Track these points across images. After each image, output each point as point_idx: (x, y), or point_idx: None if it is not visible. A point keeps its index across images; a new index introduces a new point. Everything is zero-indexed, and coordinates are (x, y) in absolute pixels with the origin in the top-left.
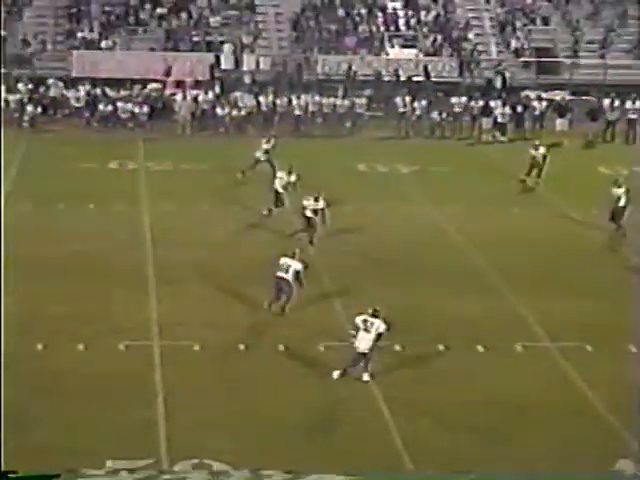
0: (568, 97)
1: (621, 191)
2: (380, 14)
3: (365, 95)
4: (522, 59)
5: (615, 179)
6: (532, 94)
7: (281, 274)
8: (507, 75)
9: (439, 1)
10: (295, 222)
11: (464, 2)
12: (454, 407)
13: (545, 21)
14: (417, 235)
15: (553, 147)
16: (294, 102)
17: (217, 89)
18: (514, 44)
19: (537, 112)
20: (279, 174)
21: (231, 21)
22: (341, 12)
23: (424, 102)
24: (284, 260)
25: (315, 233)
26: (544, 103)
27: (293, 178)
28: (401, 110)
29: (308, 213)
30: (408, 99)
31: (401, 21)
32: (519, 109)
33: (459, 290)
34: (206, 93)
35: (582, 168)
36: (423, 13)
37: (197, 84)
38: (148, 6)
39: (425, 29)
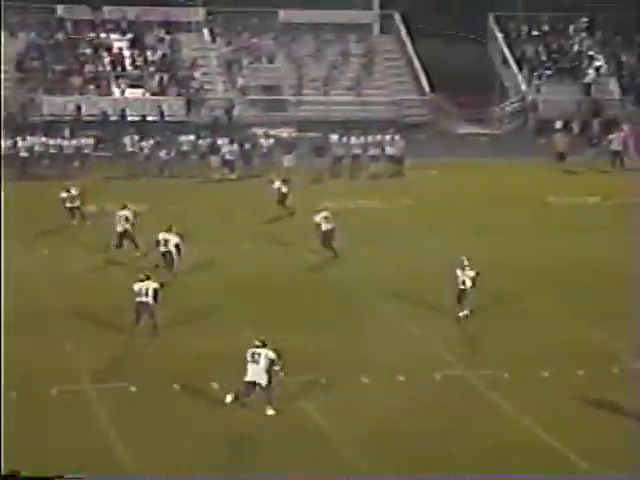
0: (294, 133)
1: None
2: (106, 54)
3: (92, 135)
4: (249, 97)
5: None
6: (259, 131)
7: (140, 299)
8: (234, 113)
9: (165, 41)
10: None
11: (190, 41)
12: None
13: (270, 59)
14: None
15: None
16: (19, 144)
17: None
18: (240, 82)
19: (265, 149)
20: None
21: None
22: (66, 52)
23: (152, 141)
24: (139, 285)
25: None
26: (271, 140)
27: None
28: (129, 149)
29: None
30: (136, 138)
31: (127, 61)
32: (247, 146)
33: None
34: None
35: (310, 203)
36: (149, 53)
37: None
38: None
39: (151, 68)
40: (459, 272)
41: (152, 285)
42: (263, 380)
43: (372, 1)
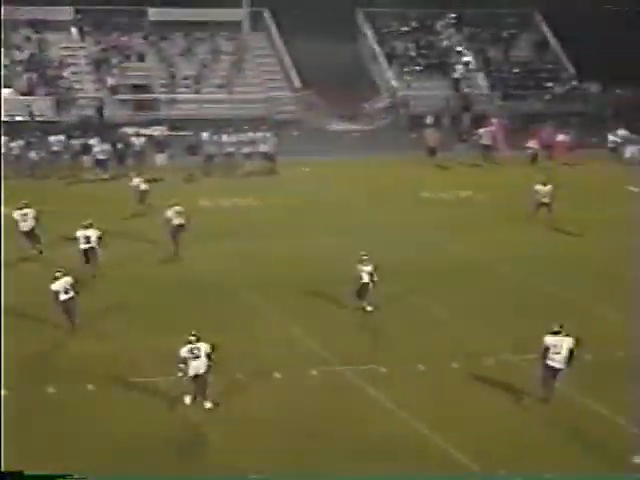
0: (166, 132)
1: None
2: None
3: None
4: (119, 96)
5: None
6: (131, 130)
7: (65, 296)
8: (105, 112)
9: (33, 40)
10: None
11: (58, 41)
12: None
13: (141, 58)
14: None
15: (154, 182)
16: None
17: None
18: (110, 81)
19: (137, 148)
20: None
21: None
22: None
23: (22, 142)
24: (57, 284)
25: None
26: (143, 139)
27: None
28: None
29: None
30: (5, 139)
31: None
32: (119, 146)
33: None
34: None
35: (184, 202)
36: (17, 52)
37: None
38: None
39: (19, 68)
40: (359, 266)
41: (69, 280)
42: (205, 372)
43: None
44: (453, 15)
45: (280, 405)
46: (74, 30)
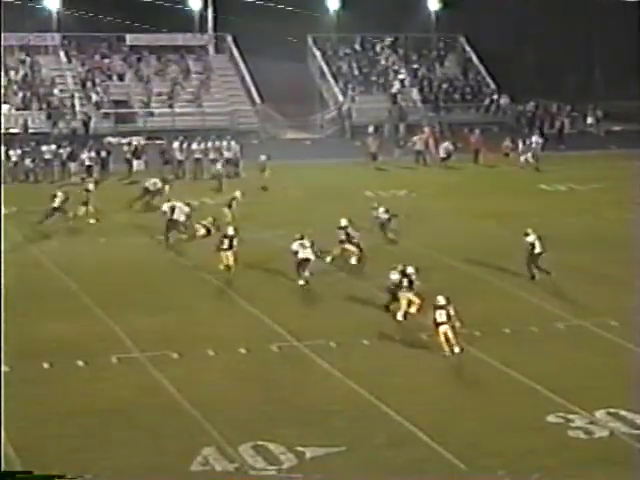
0: (143, 142)
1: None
2: None
3: None
4: (102, 110)
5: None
6: (113, 140)
7: None
8: (91, 125)
9: (26, 62)
10: None
11: (48, 63)
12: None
13: (120, 77)
14: (20, 269)
15: (132, 184)
16: None
17: None
18: (94, 98)
19: (124, 156)
20: None
21: None
22: None
23: (19, 151)
24: None
25: None
26: (125, 147)
27: None
28: None
29: None
30: (4, 149)
31: None
32: (103, 154)
33: (59, 313)
34: None
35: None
36: (12, 73)
37: None
38: None
39: (15, 87)
40: (295, 245)
41: None
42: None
43: (207, 25)
44: (390, 38)
45: (243, 375)
46: (62, 53)
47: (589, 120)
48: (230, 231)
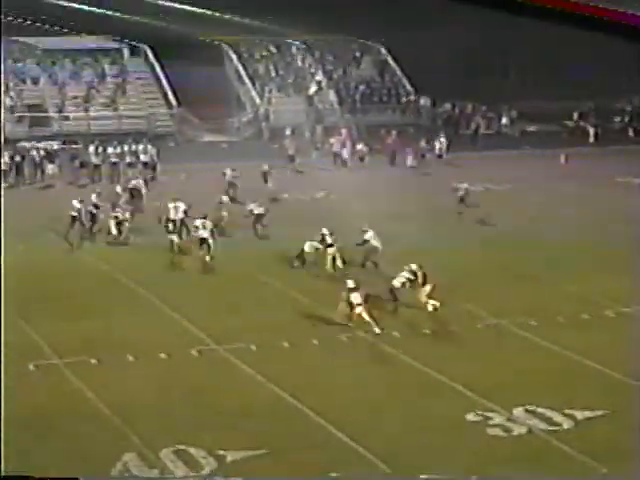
0: (57, 146)
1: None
2: None
3: None
4: (16, 114)
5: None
6: (27, 144)
7: None
8: (6, 129)
9: None
10: None
11: None
12: None
13: (34, 81)
14: None
15: (46, 188)
16: None
17: None
18: (8, 102)
19: (34, 160)
20: None
21: None
22: None
23: None
24: None
25: None
26: (41, 151)
27: None
28: None
29: None
30: None
31: None
32: (17, 158)
33: None
34: None
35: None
36: None
37: None
38: None
39: None
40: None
41: None
42: None
43: None
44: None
45: (163, 381)
46: None
47: (504, 120)
48: None
